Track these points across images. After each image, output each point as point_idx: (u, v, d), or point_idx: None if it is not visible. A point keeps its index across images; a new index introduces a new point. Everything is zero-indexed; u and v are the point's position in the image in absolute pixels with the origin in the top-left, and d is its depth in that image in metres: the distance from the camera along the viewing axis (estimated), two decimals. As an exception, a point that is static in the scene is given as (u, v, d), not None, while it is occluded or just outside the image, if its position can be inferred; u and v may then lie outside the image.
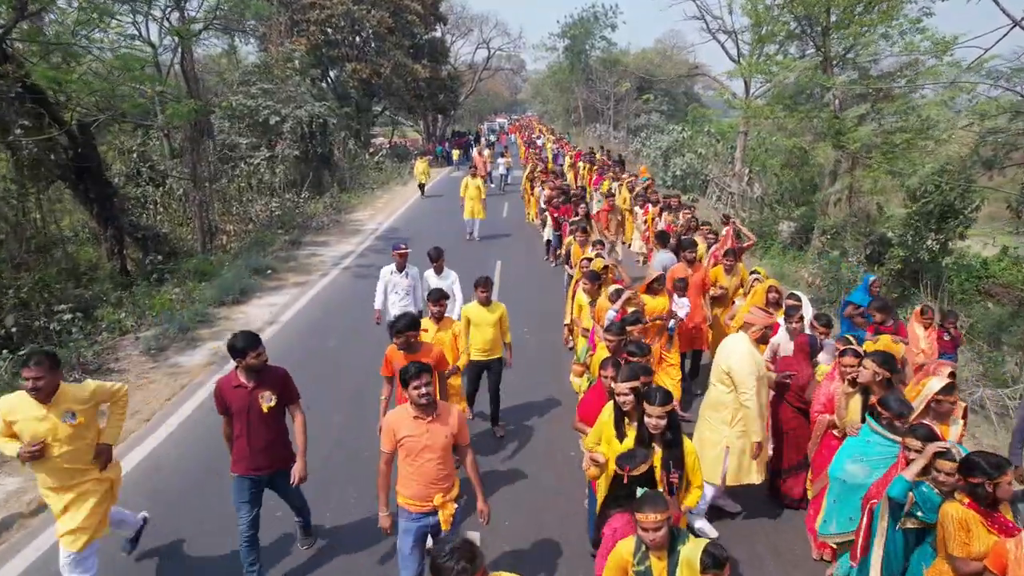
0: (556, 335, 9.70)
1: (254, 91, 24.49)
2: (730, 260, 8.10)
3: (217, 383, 4.59)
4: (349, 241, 17.08)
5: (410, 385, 3.83)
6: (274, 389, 4.53)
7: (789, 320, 5.86)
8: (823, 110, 16.31)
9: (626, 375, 4.09)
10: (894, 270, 13.84)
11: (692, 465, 3.87)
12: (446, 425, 3.97)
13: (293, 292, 12.31)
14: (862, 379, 4.49)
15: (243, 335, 4.47)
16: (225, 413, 4.53)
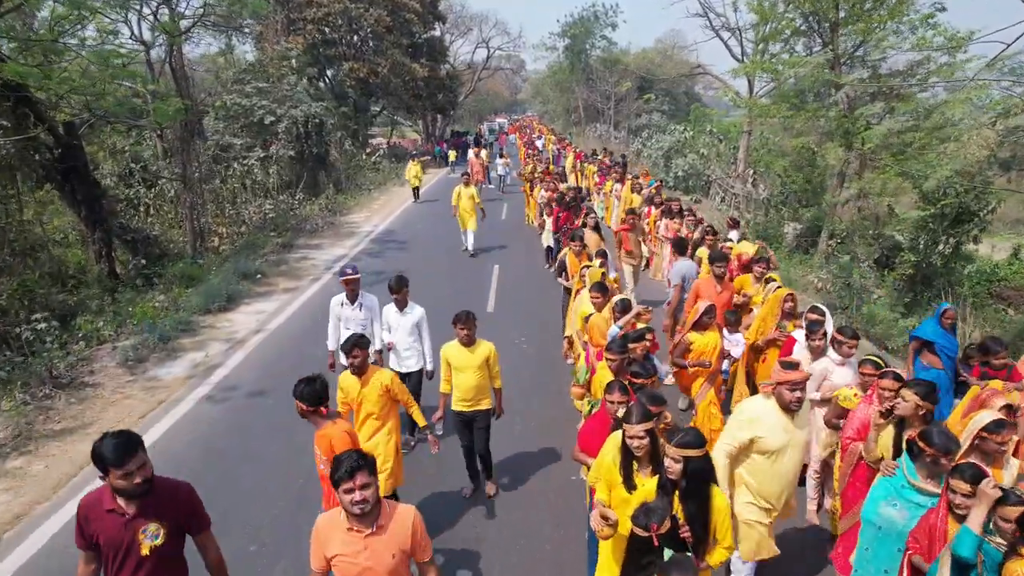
0: (555, 346, 9.24)
1: (248, 90, 24.03)
2: (762, 267, 7.59)
3: (81, 502, 3.06)
4: (343, 244, 16.61)
5: (340, 487, 2.83)
6: (165, 518, 3.06)
7: (811, 337, 5.36)
8: (831, 109, 15.85)
9: (639, 415, 3.45)
10: (905, 275, 13.35)
11: (720, 523, 3.28)
12: (394, 539, 2.98)
13: (283, 298, 11.84)
14: (901, 411, 3.97)
15: (112, 440, 2.89)
16: (88, 548, 3.06)
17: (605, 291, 6.58)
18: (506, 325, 10.30)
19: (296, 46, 31.72)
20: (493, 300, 11.67)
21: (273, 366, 8.66)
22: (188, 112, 16.27)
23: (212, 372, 8.38)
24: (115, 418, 7.06)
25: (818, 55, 13.90)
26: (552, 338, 9.57)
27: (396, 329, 6.42)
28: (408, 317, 6.41)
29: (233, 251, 15.70)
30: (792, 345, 5.68)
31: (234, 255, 14.71)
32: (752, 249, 8.48)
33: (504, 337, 9.79)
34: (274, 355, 9.07)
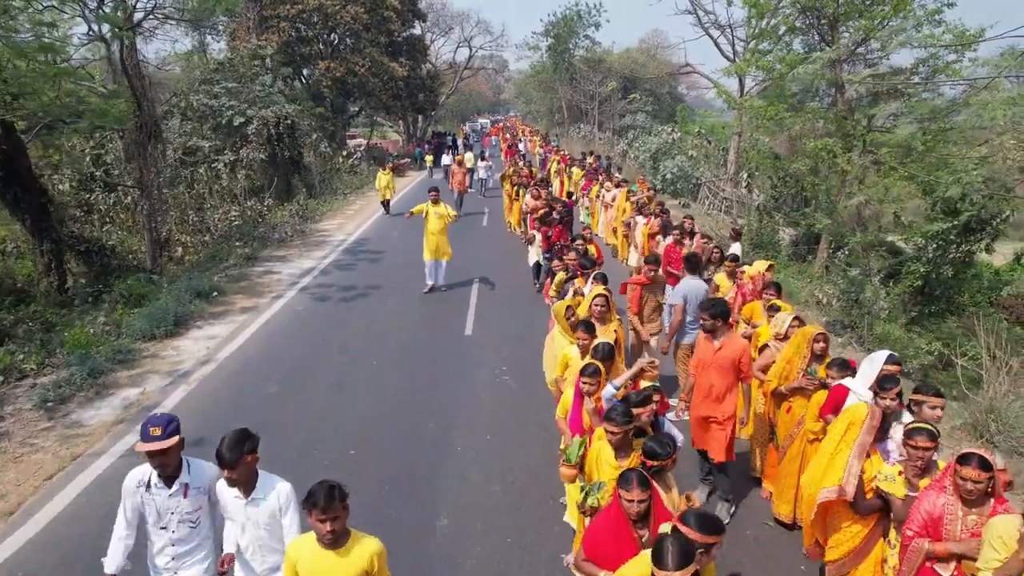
0: (543, 380, 8.19)
1: (217, 90, 22.78)
2: (771, 293, 6.63)
3: None
4: (311, 255, 15.45)
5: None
6: None
7: (884, 393, 4.28)
8: (830, 109, 14.99)
9: (679, 556, 2.55)
10: (912, 287, 12.48)
11: None
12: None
13: (239, 320, 10.69)
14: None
15: None
16: None
17: (593, 330, 5.55)
18: (486, 353, 9.26)
19: (270, 44, 30.45)
20: (472, 321, 10.61)
21: (217, 407, 7.54)
22: (142, 113, 15.12)
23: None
24: (13, 481, 5.91)
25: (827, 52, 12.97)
26: (540, 370, 8.53)
27: (239, 526, 3.63)
28: (258, 502, 3.59)
29: (192, 264, 14.50)
30: (840, 398, 4.67)
31: (190, 270, 13.51)
32: (764, 267, 7.49)
33: (483, 367, 8.76)
34: (220, 393, 7.94)
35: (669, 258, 9.43)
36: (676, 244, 9.39)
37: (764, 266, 7.53)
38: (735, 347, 5.21)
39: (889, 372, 4.55)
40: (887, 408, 4.26)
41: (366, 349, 9.43)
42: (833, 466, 4.03)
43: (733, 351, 5.18)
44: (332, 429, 7.05)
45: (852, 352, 10.00)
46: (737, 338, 5.33)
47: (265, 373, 8.52)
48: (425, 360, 9.04)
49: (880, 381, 4.34)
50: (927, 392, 4.18)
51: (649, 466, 3.54)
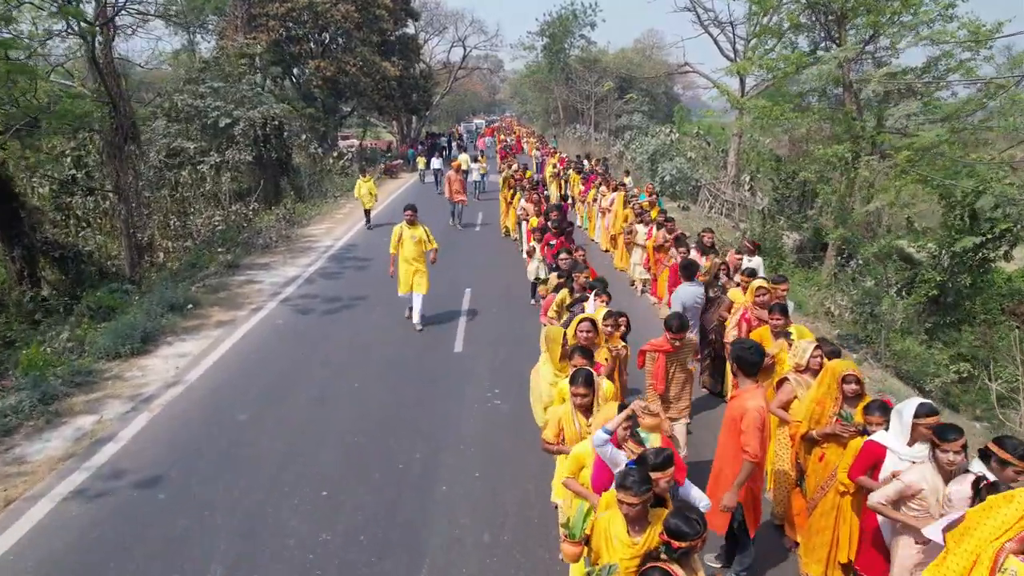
0: (537, 403, 7.53)
1: (203, 90, 22.06)
2: (779, 319, 5.97)
3: None
4: (296, 263, 14.75)
5: None
6: None
7: (945, 446, 3.61)
8: (837, 110, 14.37)
9: None
10: (927, 296, 11.85)
11: None
12: None
13: (214, 335, 9.99)
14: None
15: None
16: None
17: (591, 356, 4.89)
18: (476, 372, 8.58)
19: (260, 43, 29.74)
20: (462, 336, 9.92)
21: (179, 438, 6.85)
22: (117, 114, 14.45)
23: (98, 448, 6.54)
24: (-62, 533, 5.22)
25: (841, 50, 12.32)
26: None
27: None
28: None
29: (171, 272, 13.78)
30: (874, 457, 4.02)
31: (166, 279, 12.80)
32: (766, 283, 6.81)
33: (473, 389, 8.09)
34: (184, 421, 7.24)
35: (675, 278, 8.80)
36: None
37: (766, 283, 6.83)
38: (739, 405, 4.39)
39: (931, 424, 3.91)
40: (950, 464, 3.62)
41: (348, 368, 8.75)
42: None
43: (735, 408, 4.42)
44: (305, 464, 6.37)
45: (868, 370, 9.36)
46: (752, 395, 4.37)
47: (236, 397, 7.82)
48: (410, 380, 8.36)
49: (939, 432, 3.68)
50: (1008, 447, 3.47)
51: (675, 548, 2.88)
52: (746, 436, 4.29)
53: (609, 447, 3.78)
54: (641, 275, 11.65)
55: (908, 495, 3.88)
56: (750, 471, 4.34)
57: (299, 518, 5.55)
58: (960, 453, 3.59)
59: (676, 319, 5.56)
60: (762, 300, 6.51)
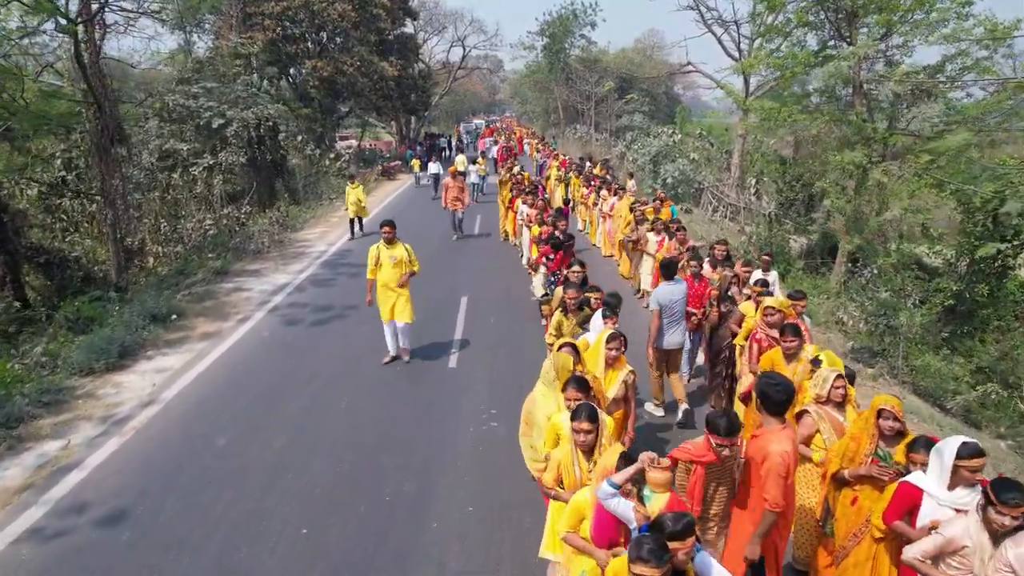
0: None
1: (195, 90, 21.58)
2: (792, 341, 5.48)
3: None
4: (287, 269, 14.26)
5: None
6: None
7: (1002, 509, 3.09)
8: (847, 111, 13.88)
9: None
10: (943, 306, 11.34)
11: None
12: None
13: (197, 348, 9.50)
14: None
15: None
16: None
17: (587, 388, 4.37)
18: (472, 390, 8.09)
19: (256, 43, 29.30)
20: (458, 349, 9.43)
21: (149, 466, 6.36)
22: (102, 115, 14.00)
23: (60, 478, 6.05)
24: None
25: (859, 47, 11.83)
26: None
27: None
28: None
29: (158, 280, 13.29)
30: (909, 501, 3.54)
31: (151, 287, 12.33)
32: (777, 302, 6.27)
33: (468, 408, 7.60)
34: (157, 446, 6.75)
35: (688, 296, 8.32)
36: (695, 278, 8.20)
37: (786, 304, 6.32)
38: (761, 447, 3.87)
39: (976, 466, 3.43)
40: (1003, 527, 3.13)
41: (336, 384, 8.27)
42: None
43: (757, 450, 3.91)
44: (285, 494, 5.88)
45: (885, 387, 8.87)
46: (777, 438, 3.85)
47: (215, 418, 7.33)
48: (402, 398, 7.87)
49: (998, 489, 3.18)
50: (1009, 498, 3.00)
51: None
52: (767, 483, 3.79)
53: (616, 500, 3.29)
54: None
55: (949, 551, 3.40)
56: (772, 522, 3.85)
57: (276, 559, 5.06)
58: (1018, 519, 3.10)
59: (723, 419, 3.80)
60: (772, 320, 6.01)
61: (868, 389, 8.38)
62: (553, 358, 4.83)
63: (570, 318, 6.46)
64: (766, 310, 6.03)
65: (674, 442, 6.81)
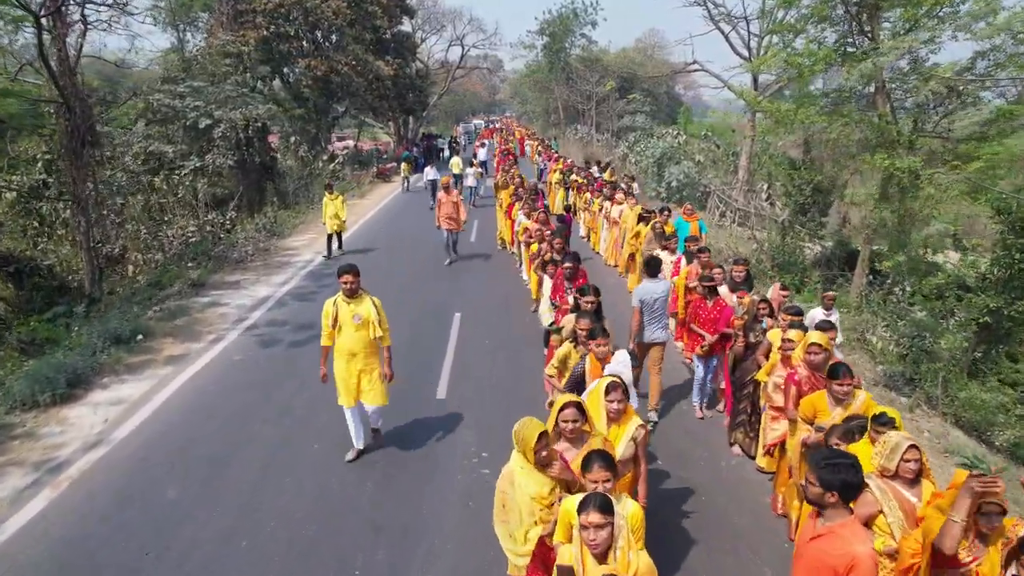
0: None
1: (182, 89, 20.70)
2: (847, 384, 4.59)
3: None
4: (270, 280, 13.35)
5: None
6: None
7: None
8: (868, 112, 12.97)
9: None
10: (977, 323, 10.39)
11: None
12: None
13: (160, 375, 8.58)
14: None
15: None
16: None
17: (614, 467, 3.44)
18: (461, 427, 7.17)
19: (250, 40, 28.44)
20: (447, 377, 8.50)
21: (84, 529, 5.44)
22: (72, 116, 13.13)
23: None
24: None
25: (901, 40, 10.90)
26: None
27: None
28: None
29: (128, 293, 12.38)
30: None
31: (118, 303, 11.42)
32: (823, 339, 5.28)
33: (455, 450, 6.68)
34: (95, 502, 5.83)
35: (697, 315, 7.40)
36: (706, 299, 7.30)
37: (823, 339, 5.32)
38: (840, 549, 3.02)
39: None
40: None
41: (308, 420, 7.35)
42: None
43: (836, 556, 3.02)
44: (238, 566, 4.96)
45: (923, 419, 7.94)
46: (856, 534, 3.05)
47: (169, 463, 6.41)
48: (384, 437, 6.95)
49: None
50: None
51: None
52: None
53: None
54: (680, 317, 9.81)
55: None
56: None
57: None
58: None
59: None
60: (816, 359, 5.09)
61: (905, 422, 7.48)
62: (520, 426, 3.80)
63: (579, 350, 5.53)
64: (810, 348, 5.11)
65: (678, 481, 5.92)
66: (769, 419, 5.94)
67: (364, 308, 6.11)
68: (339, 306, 6.13)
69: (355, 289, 6.06)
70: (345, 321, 6.10)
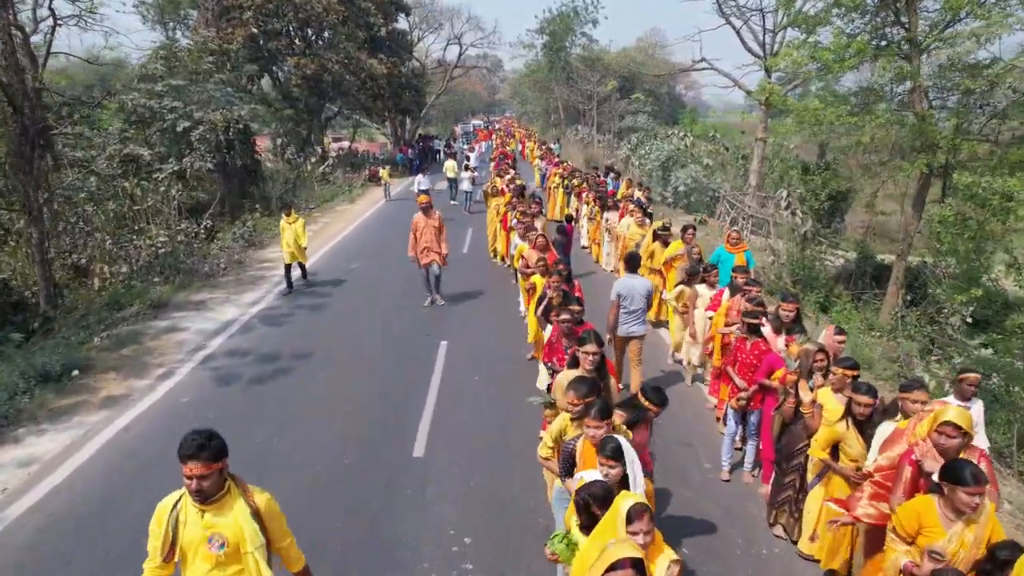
0: (528, 558, 4.82)
1: (159, 88, 19.42)
2: (978, 493, 3.28)
3: None
4: (239, 300, 12.04)
5: None
6: None
7: None
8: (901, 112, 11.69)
9: None
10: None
11: None
12: None
13: (88, 423, 7.27)
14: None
15: None
16: None
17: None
18: (441, 500, 5.83)
19: (237, 37, 27.19)
20: (427, 427, 7.18)
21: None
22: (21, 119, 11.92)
23: None
24: None
25: (986, 27, 9.58)
26: (529, 545, 5.15)
27: None
28: None
29: (75, 319, 11.05)
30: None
31: (62, 332, 10.12)
32: (965, 419, 3.81)
33: (431, 534, 5.35)
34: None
35: (734, 359, 6.09)
36: (745, 341, 6.01)
37: (965, 419, 3.86)
38: None
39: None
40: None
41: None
42: None
43: None
44: None
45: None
46: None
47: (73, 558, 5.10)
48: (341, 515, 5.64)
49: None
50: None
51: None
52: None
53: None
54: (694, 356, 8.16)
55: None
56: None
57: None
58: None
59: None
60: (949, 444, 3.71)
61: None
62: None
63: (575, 424, 4.22)
64: (943, 427, 3.73)
65: None
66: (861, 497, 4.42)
67: (232, 521, 3.11)
68: (182, 518, 3.14)
69: (210, 490, 3.07)
70: (193, 547, 3.13)
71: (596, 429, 3.77)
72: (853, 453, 4.54)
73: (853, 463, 4.55)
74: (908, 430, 4.08)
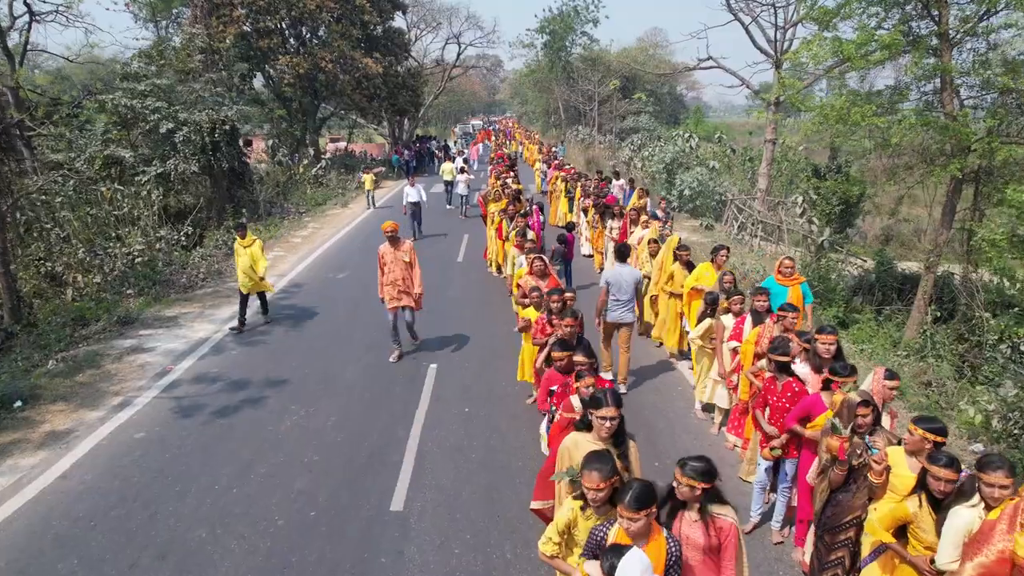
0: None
1: (143, 88, 18.53)
2: None
3: None
4: (213, 316, 11.15)
5: None
6: None
7: None
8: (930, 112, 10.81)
9: None
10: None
11: None
12: None
13: (22, 469, 6.36)
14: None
15: None
16: None
17: None
18: (419, 558, 4.94)
19: (228, 35, 26.34)
20: (409, 474, 6.26)
21: None
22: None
23: None
24: None
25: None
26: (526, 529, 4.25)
27: None
28: None
29: (32, 337, 10.15)
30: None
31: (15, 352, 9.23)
32: None
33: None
34: None
35: (764, 401, 5.19)
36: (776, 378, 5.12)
37: None
38: None
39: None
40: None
41: (203, 559, 5.14)
42: None
43: None
44: None
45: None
46: None
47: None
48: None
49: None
50: None
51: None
52: None
53: None
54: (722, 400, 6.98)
55: None
56: None
57: None
58: None
59: None
60: None
61: None
62: None
63: (589, 514, 3.30)
64: None
65: None
66: None
67: None
68: None
69: None
70: None
71: (632, 522, 2.86)
72: (928, 539, 3.61)
73: (928, 552, 3.63)
74: (1001, 530, 3.15)
